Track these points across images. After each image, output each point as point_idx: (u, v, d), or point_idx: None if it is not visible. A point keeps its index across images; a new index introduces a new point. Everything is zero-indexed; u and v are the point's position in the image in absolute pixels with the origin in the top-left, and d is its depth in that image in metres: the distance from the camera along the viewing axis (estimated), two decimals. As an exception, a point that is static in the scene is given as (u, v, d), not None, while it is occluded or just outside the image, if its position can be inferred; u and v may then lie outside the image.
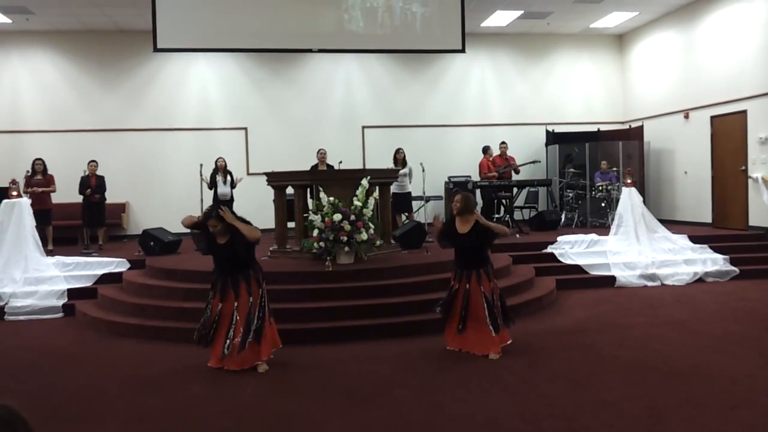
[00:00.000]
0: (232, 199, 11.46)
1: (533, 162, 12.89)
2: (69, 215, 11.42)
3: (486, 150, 12.50)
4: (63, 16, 12.08)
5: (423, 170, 11.67)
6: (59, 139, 13.00)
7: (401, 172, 11.54)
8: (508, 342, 5.91)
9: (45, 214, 10.62)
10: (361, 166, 13.22)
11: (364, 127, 14.13)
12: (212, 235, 5.60)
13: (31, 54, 13.08)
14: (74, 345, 6.75)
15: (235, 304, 5.46)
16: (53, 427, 4.38)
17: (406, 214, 11.95)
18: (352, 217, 7.71)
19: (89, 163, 11.16)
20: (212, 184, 11.41)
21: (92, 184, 10.99)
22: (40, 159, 11.00)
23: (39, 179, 10.80)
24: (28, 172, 10.64)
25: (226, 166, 11.61)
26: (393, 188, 11.58)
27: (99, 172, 11.24)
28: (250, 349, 5.42)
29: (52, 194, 10.90)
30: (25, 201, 9.35)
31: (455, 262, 5.98)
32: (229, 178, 11.56)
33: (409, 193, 11.71)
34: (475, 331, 5.76)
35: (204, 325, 5.58)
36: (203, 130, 13.58)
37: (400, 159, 11.77)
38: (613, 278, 9.27)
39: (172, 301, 7.41)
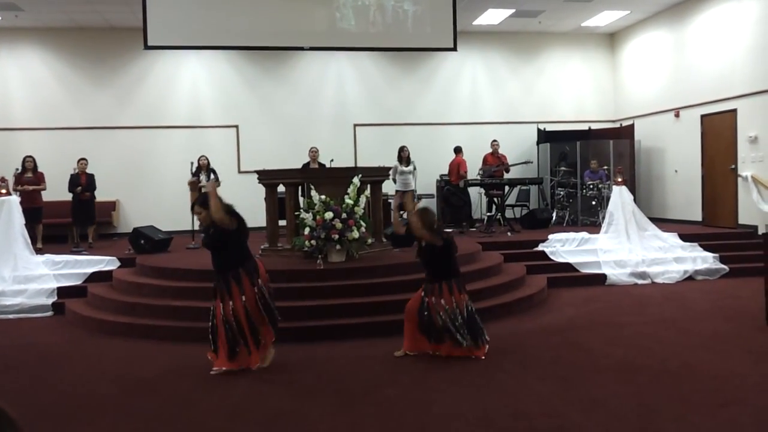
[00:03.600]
0: None
1: (525, 162, 12.92)
2: (59, 213, 11.34)
3: (458, 150, 12.54)
4: (53, 12, 11.99)
5: (415, 168, 11.70)
6: (49, 137, 12.91)
7: (406, 169, 11.60)
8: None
9: (36, 212, 10.55)
10: (352, 164, 13.19)
11: (355, 125, 14.11)
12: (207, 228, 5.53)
13: (20, 51, 12.99)
14: (64, 344, 6.71)
15: (231, 303, 5.33)
16: (42, 426, 4.35)
17: (404, 213, 11.95)
18: (344, 215, 7.70)
19: (79, 161, 11.10)
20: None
21: (82, 182, 10.93)
22: (30, 156, 10.92)
23: (29, 177, 10.72)
24: (17, 169, 10.56)
25: (209, 164, 11.41)
26: (398, 186, 11.69)
27: (89, 170, 11.17)
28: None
29: (42, 192, 10.84)
30: (14, 199, 9.28)
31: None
32: (212, 176, 11.38)
33: (413, 191, 11.73)
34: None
35: (212, 331, 5.44)
36: (194, 128, 13.52)
37: (405, 157, 11.80)
38: (603, 276, 9.30)
39: (162, 300, 7.39)
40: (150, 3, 10.55)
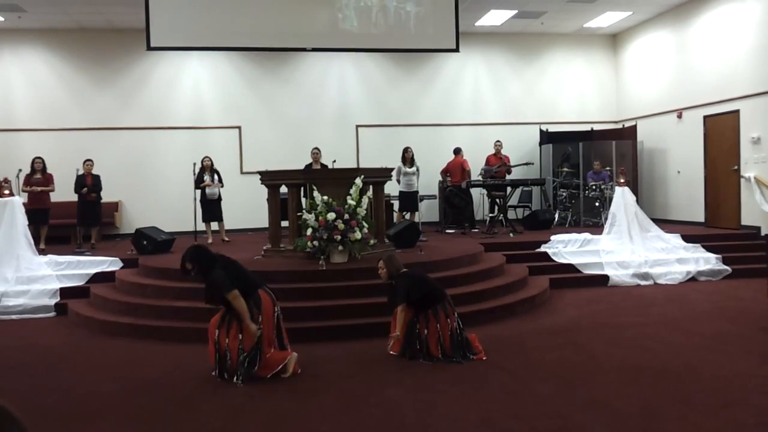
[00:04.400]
0: (219, 199, 11.40)
1: (525, 164, 12.92)
2: (62, 214, 11.35)
3: (458, 151, 12.55)
4: (55, 14, 12.02)
5: (417, 169, 11.71)
6: (52, 138, 12.93)
7: (410, 170, 11.61)
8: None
9: (43, 213, 10.63)
10: (354, 165, 13.21)
11: (358, 126, 14.12)
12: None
13: (23, 52, 13.01)
14: (66, 344, 6.72)
15: (226, 340, 5.22)
16: (45, 426, 4.36)
17: (407, 214, 11.95)
18: (346, 216, 7.70)
19: (85, 162, 11.11)
20: (199, 185, 11.28)
21: (88, 183, 10.94)
22: (39, 158, 10.95)
23: (38, 178, 10.76)
24: (20, 170, 10.54)
25: (212, 165, 11.44)
26: (401, 187, 11.72)
27: (93, 171, 11.19)
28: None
29: (50, 193, 10.87)
30: (17, 200, 9.30)
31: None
32: (216, 177, 11.42)
33: (417, 192, 11.73)
34: None
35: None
36: (197, 128, 13.54)
37: (408, 158, 11.82)
38: (606, 277, 9.29)
39: (164, 300, 7.39)
40: (153, 4, 10.56)
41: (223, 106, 13.71)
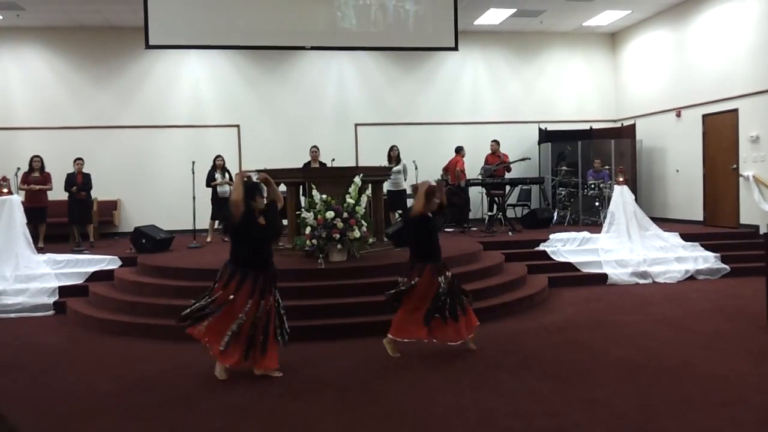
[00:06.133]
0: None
1: (523, 159, 12.90)
2: (61, 213, 11.32)
3: (458, 150, 12.56)
4: (54, 12, 12.00)
5: (416, 168, 11.71)
6: (51, 136, 12.91)
7: (395, 169, 11.56)
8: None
9: (41, 211, 10.64)
10: (353, 164, 13.19)
11: (357, 125, 14.11)
12: (252, 215, 5.38)
13: (21, 50, 12.99)
14: (65, 343, 6.72)
15: (262, 302, 5.22)
16: (44, 425, 4.36)
17: (400, 212, 11.94)
18: (345, 215, 7.71)
19: (75, 160, 11.11)
20: (210, 183, 11.34)
21: (78, 182, 10.95)
22: (38, 156, 10.97)
23: (37, 176, 10.77)
24: (18, 169, 10.53)
25: (224, 164, 11.55)
26: (388, 186, 11.60)
27: (89, 170, 11.20)
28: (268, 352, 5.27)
29: (49, 192, 10.87)
30: (16, 198, 9.30)
31: (418, 257, 5.85)
32: (227, 176, 11.49)
33: (404, 190, 11.72)
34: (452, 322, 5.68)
35: (201, 308, 5.19)
36: (196, 127, 13.53)
37: (394, 156, 11.79)
38: (604, 276, 9.30)
39: (163, 299, 7.39)
40: (151, 2, 10.55)
41: (221, 104, 13.70)
